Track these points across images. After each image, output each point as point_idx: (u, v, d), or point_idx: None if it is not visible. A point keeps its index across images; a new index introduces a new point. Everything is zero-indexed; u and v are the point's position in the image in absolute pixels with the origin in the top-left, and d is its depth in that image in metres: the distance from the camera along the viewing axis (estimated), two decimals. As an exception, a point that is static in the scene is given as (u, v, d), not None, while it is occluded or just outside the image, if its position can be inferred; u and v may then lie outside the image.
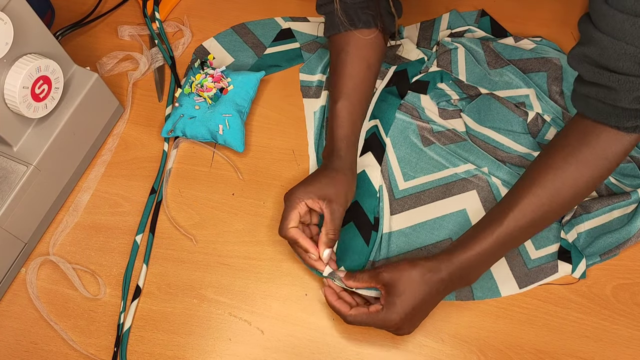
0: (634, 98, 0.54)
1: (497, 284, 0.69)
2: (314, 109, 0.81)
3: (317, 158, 0.78)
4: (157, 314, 0.70)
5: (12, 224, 0.69)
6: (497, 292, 0.69)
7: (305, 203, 0.65)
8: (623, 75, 0.53)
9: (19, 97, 0.64)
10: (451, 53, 0.82)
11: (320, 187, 0.66)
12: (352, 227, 0.72)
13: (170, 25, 0.90)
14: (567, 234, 0.71)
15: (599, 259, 0.70)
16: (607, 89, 0.55)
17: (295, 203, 0.65)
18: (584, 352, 0.66)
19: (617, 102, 0.55)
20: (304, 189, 0.66)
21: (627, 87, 0.53)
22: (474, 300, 0.69)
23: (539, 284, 0.69)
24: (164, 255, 0.73)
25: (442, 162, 0.76)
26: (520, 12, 0.88)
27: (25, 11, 0.64)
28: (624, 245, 0.70)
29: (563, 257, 0.70)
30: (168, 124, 0.79)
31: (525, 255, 0.70)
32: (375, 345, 0.67)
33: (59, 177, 0.75)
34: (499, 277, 0.70)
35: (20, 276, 0.73)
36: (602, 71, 0.55)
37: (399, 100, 0.80)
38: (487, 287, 0.69)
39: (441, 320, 0.68)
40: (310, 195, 0.66)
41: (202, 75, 0.79)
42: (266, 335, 0.68)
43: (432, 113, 0.79)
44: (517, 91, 0.79)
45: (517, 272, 0.70)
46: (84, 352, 0.68)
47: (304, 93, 0.83)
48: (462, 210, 0.73)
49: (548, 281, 0.69)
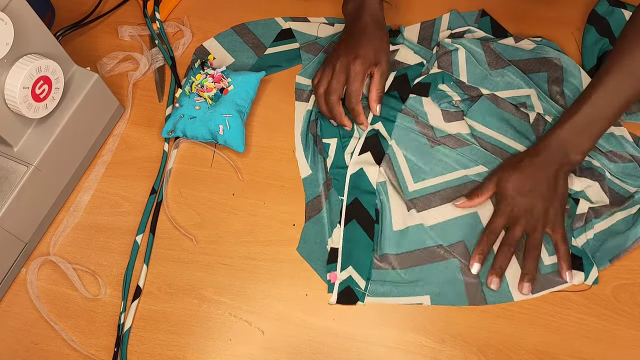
0: None
1: (510, 288, 0.69)
2: (303, 112, 0.81)
3: (306, 161, 0.77)
4: (157, 314, 0.70)
5: (12, 224, 0.69)
6: (510, 297, 0.69)
7: (364, 74, 0.75)
8: None
9: (20, 98, 0.64)
10: (451, 54, 0.82)
11: (374, 52, 0.75)
12: (356, 225, 0.72)
13: (171, 26, 0.90)
14: (576, 239, 0.71)
15: (609, 263, 0.69)
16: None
17: (362, 77, 0.75)
18: (585, 352, 0.66)
19: None
20: (363, 60, 0.74)
21: None
22: (486, 304, 0.68)
23: (551, 290, 0.69)
24: (164, 256, 0.73)
25: (452, 164, 0.76)
26: (521, 12, 0.88)
27: (25, 11, 0.64)
28: (632, 247, 0.69)
29: (575, 265, 0.69)
30: (168, 124, 0.79)
31: (539, 260, 0.70)
32: (376, 345, 0.67)
33: (60, 177, 0.75)
34: (512, 281, 0.69)
35: (20, 276, 0.73)
36: None
37: (401, 105, 0.80)
38: (500, 290, 0.69)
39: (442, 320, 0.68)
40: (370, 65, 0.75)
41: (203, 76, 0.79)
42: (267, 335, 0.68)
43: (435, 117, 0.79)
44: (518, 91, 0.79)
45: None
46: (84, 352, 0.68)
47: (297, 96, 0.83)
48: (474, 212, 0.73)
49: (561, 288, 0.69)
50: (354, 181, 0.75)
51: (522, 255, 0.70)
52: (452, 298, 0.69)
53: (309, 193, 0.75)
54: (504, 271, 0.69)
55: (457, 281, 0.69)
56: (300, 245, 0.72)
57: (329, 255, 0.71)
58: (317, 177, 0.76)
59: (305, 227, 0.73)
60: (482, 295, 0.69)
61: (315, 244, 0.72)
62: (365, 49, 0.75)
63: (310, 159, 0.77)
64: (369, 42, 0.75)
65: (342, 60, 0.75)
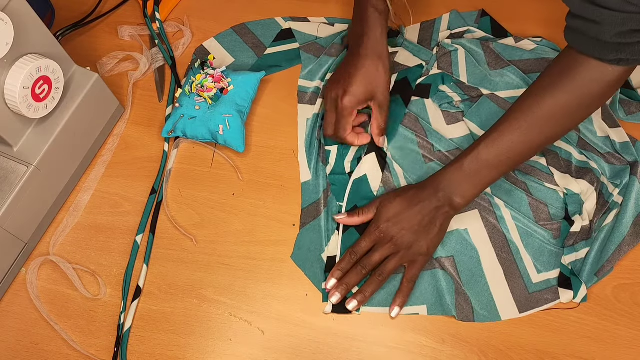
0: (617, 33, 0.55)
1: (497, 307, 0.68)
2: (307, 116, 0.81)
3: (308, 166, 0.77)
4: (157, 314, 0.70)
5: (12, 224, 0.69)
6: (497, 316, 0.68)
7: (356, 110, 0.74)
8: (607, 9, 0.54)
9: (20, 98, 0.64)
10: (451, 55, 0.82)
11: (366, 88, 0.73)
12: (354, 233, 0.72)
13: (171, 26, 0.90)
14: (565, 257, 0.70)
15: (597, 279, 0.69)
16: (592, 22, 0.57)
17: (348, 113, 0.73)
18: (585, 352, 0.66)
19: (600, 36, 0.57)
20: (351, 97, 0.72)
21: (610, 22, 0.55)
22: (474, 322, 0.67)
23: (540, 309, 0.68)
24: (164, 256, 0.73)
25: None
26: (521, 12, 0.88)
27: (25, 11, 0.64)
28: (616, 258, 0.69)
29: (564, 284, 0.69)
30: (168, 124, 0.79)
31: (527, 278, 0.69)
32: (376, 345, 0.67)
33: (60, 177, 0.75)
34: (499, 299, 0.68)
35: (20, 276, 0.73)
36: (589, 5, 0.56)
37: (404, 109, 0.79)
38: (487, 309, 0.68)
39: (442, 320, 0.68)
40: (359, 102, 0.73)
41: (203, 76, 0.79)
42: (267, 335, 0.68)
43: (437, 120, 0.79)
44: (518, 92, 0.79)
45: (517, 295, 0.68)
46: (84, 352, 0.68)
47: (299, 98, 0.82)
48: (465, 229, 0.72)
49: (549, 307, 0.68)
50: (356, 187, 0.74)
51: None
52: (446, 308, 0.68)
53: (306, 199, 0.75)
54: (349, 289, 0.68)
55: (450, 292, 0.69)
56: (294, 253, 0.72)
57: (326, 264, 0.71)
58: (317, 183, 0.76)
59: (300, 234, 0.73)
60: (472, 313, 0.68)
61: (309, 252, 0.72)
62: (357, 85, 0.73)
63: (313, 165, 0.77)
64: (363, 77, 0.73)
65: (333, 95, 0.74)
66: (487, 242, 0.71)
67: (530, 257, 0.70)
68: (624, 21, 0.54)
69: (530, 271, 0.70)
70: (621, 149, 0.75)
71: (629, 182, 0.72)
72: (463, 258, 0.70)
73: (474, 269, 0.70)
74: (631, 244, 0.69)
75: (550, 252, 0.70)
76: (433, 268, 0.70)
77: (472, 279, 0.69)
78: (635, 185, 0.71)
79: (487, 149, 0.65)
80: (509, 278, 0.69)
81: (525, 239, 0.71)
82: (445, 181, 0.68)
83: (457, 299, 0.68)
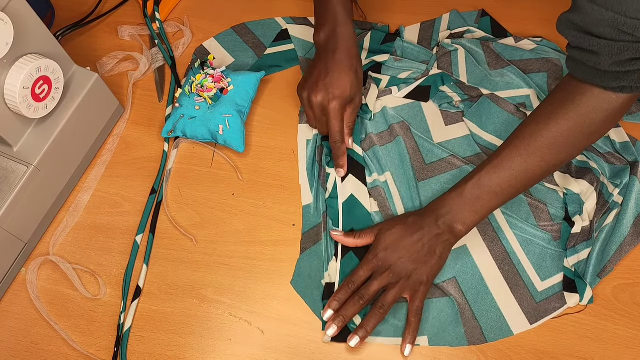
0: (614, 62, 0.56)
1: (508, 322, 0.67)
2: (308, 137, 0.79)
3: (310, 189, 0.76)
4: (157, 314, 0.70)
5: (12, 224, 0.69)
6: (509, 331, 0.67)
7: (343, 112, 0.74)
8: (603, 39, 0.55)
9: (20, 98, 0.64)
10: (451, 55, 0.82)
11: (345, 91, 0.73)
12: (353, 257, 0.70)
13: (171, 26, 0.90)
14: (568, 259, 0.70)
15: (599, 279, 0.69)
16: (590, 53, 0.57)
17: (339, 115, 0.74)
18: (585, 352, 0.66)
19: (599, 65, 0.57)
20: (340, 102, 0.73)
21: (607, 51, 0.55)
22: (486, 342, 0.66)
23: (548, 318, 0.67)
24: (164, 256, 0.73)
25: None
26: (521, 12, 0.88)
27: (25, 11, 0.64)
28: (617, 258, 0.69)
29: (568, 287, 0.68)
30: (168, 124, 0.79)
31: (532, 288, 0.68)
32: (376, 345, 0.67)
33: (59, 177, 0.75)
34: (508, 313, 0.67)
35: (20, 276, 0.73)
36: (585, 36, 0.57)
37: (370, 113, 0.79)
38: (498, 326, 0.67)
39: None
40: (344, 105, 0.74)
41: (203, 76, 0.79)
42: (266, 335, 0.68)
43: (435, 121, 0.78)
44: (518, 91, 0.79)
45: (525, 306, 0.68)
46: (84, 352, 0.68)
47: (301, 118, 0.81)
48: (464, 246, 0.71)
49: (558, 314, 0.67)
50: (348, 209, 0.73)
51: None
52: (450, 339, 0.67)
53: (307, 223, 0.74)
54: (347, 320, 0.65)
55: (455, 322, 0.67)
56: (294, 279, 0.71)
57: (325, 291, 0.70)
58: (318, 207, 0.75)
59: (300, 260, 0.72)
60: (482, 334, 0.67)
61: (310, 279, 0.71)
62: (342, 87, 0.73)
63: (315, 188, 0.76)
64: (346, 78, 0.73)
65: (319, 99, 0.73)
66: (487, 256, 0.70)
67: (532, 265, 0.69)
68: (620, 50, 0.54)
69: (534, 280, 0.69)
70: (621, 149, 0.75)
71: (629, 182, 0.72)
72: (466, 277, 0.69)
73: (478, 286, 0.69)
74: (632, 244, 0.69)
75: (552, 257, 0.70)
76: (433, 297, 0.69)
77: (479, 297, 0.68)
78: (636, 185, 0.71)
79: (488, 174, 0.64)
80: (514, 290, 0.68)
81: (525, 247, 0.70)
82: (445, 207, 0.66)
83: (465, 327, 0.67)
